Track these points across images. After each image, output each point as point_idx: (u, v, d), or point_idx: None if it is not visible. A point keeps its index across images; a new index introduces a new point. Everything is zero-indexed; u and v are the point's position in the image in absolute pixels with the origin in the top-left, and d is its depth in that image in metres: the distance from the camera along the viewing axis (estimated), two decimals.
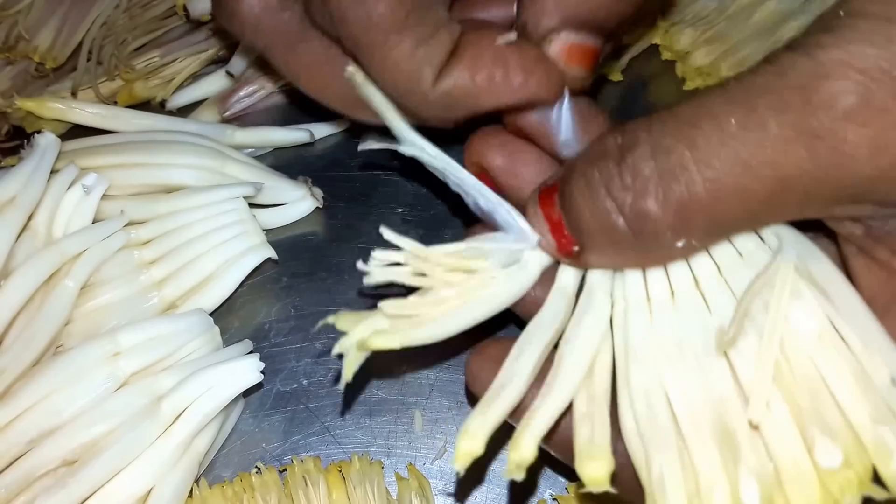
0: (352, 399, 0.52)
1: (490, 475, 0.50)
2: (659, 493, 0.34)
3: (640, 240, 0.35)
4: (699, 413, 0.35)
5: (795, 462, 0.33)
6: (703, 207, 0.33)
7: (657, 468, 0.34)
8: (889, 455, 0.31)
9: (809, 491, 0.32)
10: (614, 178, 0.35)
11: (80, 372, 0.45)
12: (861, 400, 0.32)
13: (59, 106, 0.60)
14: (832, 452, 0.32)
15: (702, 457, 0.34)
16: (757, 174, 0.32)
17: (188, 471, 0.46)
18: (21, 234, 0.48)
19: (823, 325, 0.34)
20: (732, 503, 0.33)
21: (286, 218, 0.58)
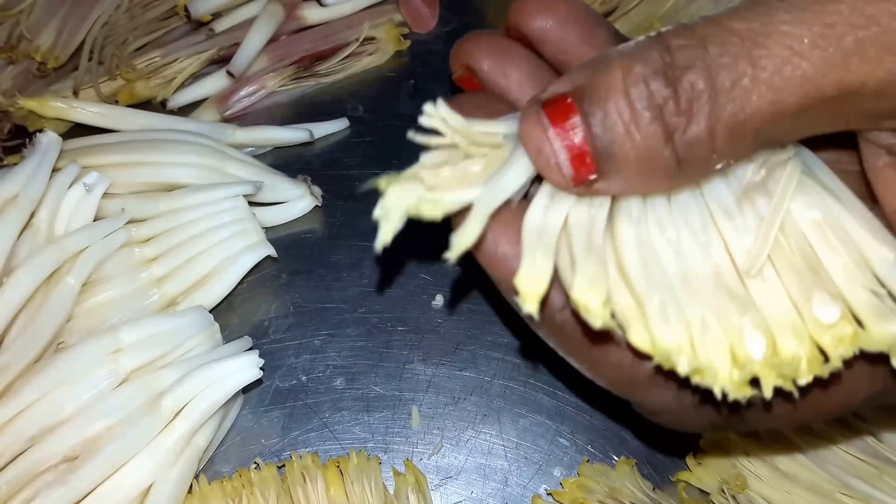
0: (349, 395, 0.52)
1: (486, 470, 0.50)
2: (660, 321, 0.33)
3: (681, 167, 0.32)
4: (692, 277, 0.34)
5: (789, 315, 0.33)
6: (757, 128, 0.31)
7: (657, 302, 0.33)
8: (884, 317, 0.32)
9: (804, 342, 0.32)
10: (668, 101, 0.31)
11: (81, 369, 0.46)
12: (859, 277, 0.33)
13: (60, 105, 0.61)
14: (831, 308, 0.32)
15: (692, 305, 0.33)
16: (823, 92, 0.30)
17: (188, 467, 0.46)
18: (23, 232, 0.49)
19: (826, 215, 0.34)
20: (730, 347, 0.33)
21: (285, 216, 0.58)
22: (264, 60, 0.64)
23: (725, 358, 0.32)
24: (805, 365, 0.32)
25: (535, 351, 0.53)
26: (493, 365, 0.53)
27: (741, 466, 0.48)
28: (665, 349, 0.32)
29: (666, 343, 0.32)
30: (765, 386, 0.32)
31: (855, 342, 0.32)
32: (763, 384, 0.32)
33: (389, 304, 0.55)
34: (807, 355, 0.32)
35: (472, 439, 0.51)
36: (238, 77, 0.63)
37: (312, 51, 0.64)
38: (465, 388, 0.52)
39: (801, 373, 0.32)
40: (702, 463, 0.49)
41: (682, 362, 0.32)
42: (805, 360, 0.32)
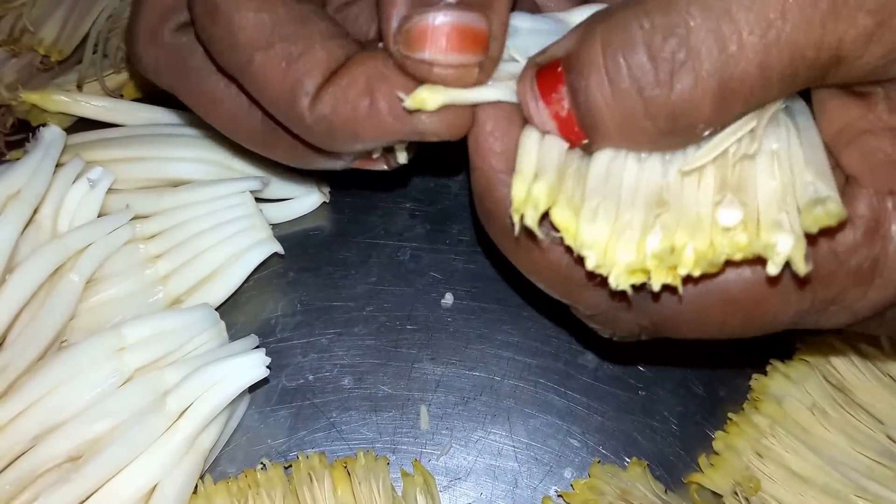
0: (357, 395, 0.52)
1: (496, 471, 0.50)
2: (588, 219, 0.34)
3: (665, 135, 0.33)
4: (643, 187, 0.35)
5: (698, 214, 0.34)
6: (746, 93, 0.32)
7: (593, 203, 0.35)
8: (778, 229, 0.33)
9: (699, 239, 0.34)
10: (648, 73, 0.31)
11: (85, 367, 0.45)
12: (779, 196, 0.34)
13: (63, 99, 0.60)
14: (734, 212, 0.33)
15: (628, 210, 0.35)
16: (804, 54, 0.31)
17: (193, 466, 0.46)
18: (26, 228, 0.48)
19: (783, 148, 0.35)
20: (639, 244, 0.34)
21: (293, 213, 0.58)
22: None
23: (632, 252, 0.34)
24: (691, 257, 0.34)
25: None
26: (503, 364, 0.53)
27: (754, 468, 0.48)
28: (580, 243, 0.34)
29: (583, 238, 0.34)
30: (653, 277, 0.34)
31: (743, 248, 0.33)
32: (652, 275, 0.34)
33: (398, 303, 0.55)
34: (695, 249, 0.34)
35: (481, 440, 0.50)
36: None
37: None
38: (475, 388, 0.52)
39: (685, 263, 0.34)
40: (714, 464, 0.49)
41: (590, 257, 0.34)
42: (692, 253, 0.34)
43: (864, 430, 0.48)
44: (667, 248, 0.34)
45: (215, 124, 0.44)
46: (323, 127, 0.37)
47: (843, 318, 0.37)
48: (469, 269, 0.56)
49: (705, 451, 0.50)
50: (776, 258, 0.33)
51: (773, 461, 0.48)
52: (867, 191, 0.34)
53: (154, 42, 0.42)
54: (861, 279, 0.35)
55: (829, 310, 0.36)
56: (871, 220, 0.34)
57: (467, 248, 0.57)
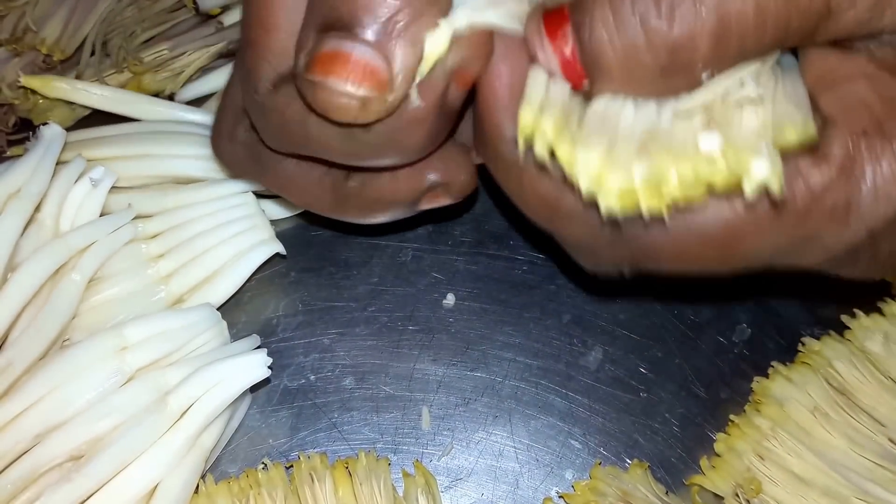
0: (359, 395, 0.52)
1: (497, 472, 0.49)
2: (583, 146, 0.35)
3: (664, 74, 0.34)
4: (637, 128, 0.36)
5: (684, 145, 0.35)
6: (742, 34, 0.32)
7: (589, 135, 0.35)
8: (755, 155, 0.34)
9: (682, 165, 0.35)
10: (650, 7, 0.32)
11: (87, 366, 0.45)
12: (759, 125, 0.34)
13: (63, 86, 0.60)
14: (714, 137, 0.34)
15: (621, 145, 0.35)
16: (798, 2, 0.32)
17: (195, 466, 0.46)
18: (27, 228, 0.48)
19: (767, 92, 0.35)
20: (627, 173, 0.35)
21: (295, 208, 0.57)
22: None
23: (621, 180, 0.35)
24: (675, 182, 0.35)
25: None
26: (505, 365, 0.53)
27: (756, 470, 0.48)
28: (576, 168, 0.35)
29: (578, 163, 0.35)
30: (642, 201, 0.35)
31: (722, 175, 0.34)
32: (641, 199, 0.35)
33: (400, 303, 0.55)
34: (679, 173, 0.35)
35: (482, 441, 0.50)
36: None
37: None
38: (476, 389, 0.52)
39: (669, 186, 0.35)
40: (716, 466, 0.49)
41: (583, 182, 0.35)
42: (676, 177, 0.35)
43: (866, 433, 0.48)
44: (653, 173, 0.35)
45: (292, 200, 0.46)
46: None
47: (817, 256, 0.38)
48: (471, 270, 0.56)
49: (707, 453, 0.50)
50: (752, 180, 0.34)
51: (774, 463, 0.48)
52: (842, 132, 0.35)
53: (232, 140, 0.45)
54: (835, 217, 0.36)
55: (806, 247, 0.37)
56: (846, 160, 0.35)
57: (469, 249, 0.57)
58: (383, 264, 0.56)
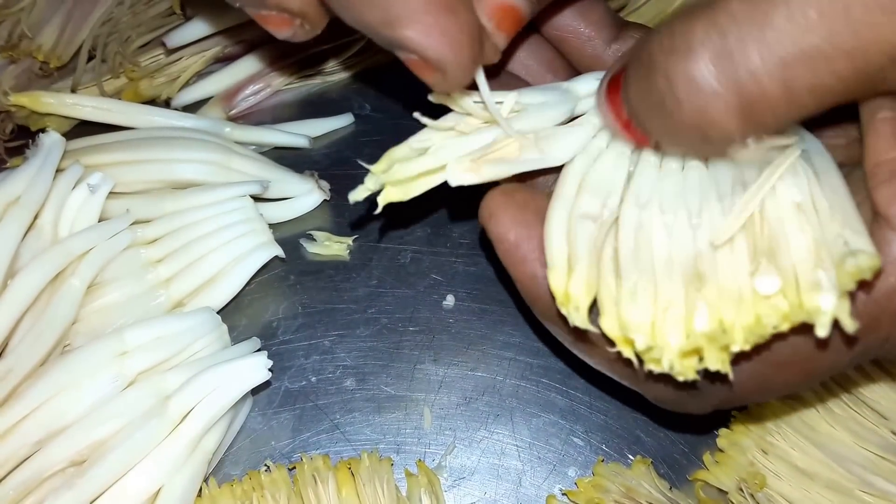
0: (360, 396, 0.52)
1: (499, 471, 0.49)
2: (628, 300, 0.36)
3: (704, 140, 0.34)
4: (676, 258, 0.36)
5: (738, 286, 0.35)
6: (773, 109, 0.32)
7: (630, 283, 0.36)
8: (819, 290, 0.33)
9: (744, 312, 0.34)
10: (667, 92, 0.33)
11: (88, 371, 0.45)
12: (812, 253, 0.34)
13: (52, 101, 0.60)
14: (772, 279, 0.34)
15: (666, 285, 0.36)
16: (834, 65, 0.31)
17: (197, 470, 0.46)
18: (27, 234, 0.48)
19: (805, 199, 0.35)
20: (686, 323, 0.35)
21: (293, 212, 0.58)
22: (269, 58, 0.63)
23: (680, 334, 0.35)
24: (740, 334, 0.34)
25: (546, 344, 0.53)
26: (505, 365, 0.53)
27: (759, 465, 0.48)
28: (626, 326, 0.35)
29: (628, 320, 0.35)
30: (707, 358, 0.35)
31: (788, 316, 0.34)
32: (706, 356, 0.35)
33: (400, 305, 0.55)
34: (744, 324, 0.34)
35: (484, 440, 0.50)
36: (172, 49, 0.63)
37: (318, 49, 0.64)
38: (477, 389, 0.52)
39: (736, 340, 0.34)
40: (719, 462, 0.49)
41: (639, 339, 0.35)
42: (741, 330, 0.34)
43: (869, 426, 0.48)
44: (715, 326, 0.34)
45: None
46: None
47: (891, 353, 0.38)
48: (470, 271, 0.56)
49: (710, 449, 0.50)
50: (822, 319, 0.33)
51: (777, 457, 0.48)
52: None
53: None
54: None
55: (884, 347, 0.37)
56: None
57: (468, 250, 0.57)
58: (383, 266, 0.56)
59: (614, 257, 0.37)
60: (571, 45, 0.43)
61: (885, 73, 0.31)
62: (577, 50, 0.45)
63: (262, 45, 0.63)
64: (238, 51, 0.63)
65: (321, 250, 0.57)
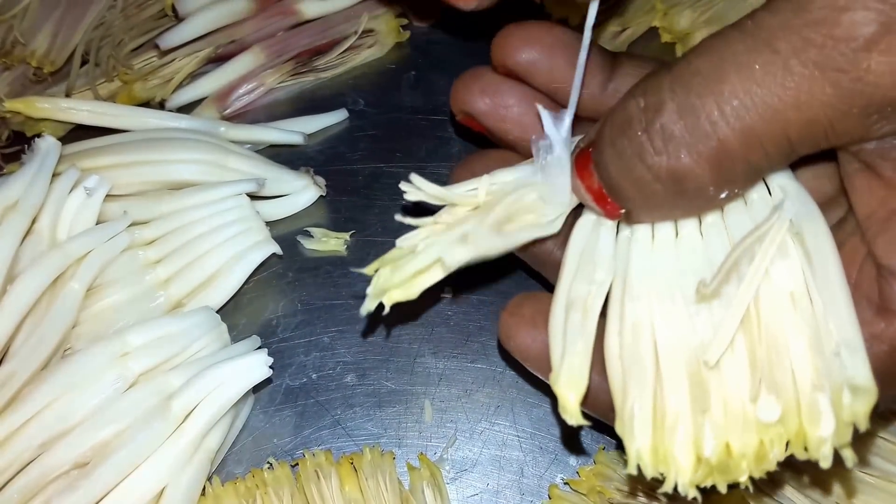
0: (361, 391, 0.52)
1: (501, 462, 0.50)
2: (629, 425, 0.36)
3: (683, 198, 0.36)
4: (679, 353, 0.36)
5: (743, 409, 0.35)
6: (738, 158, 0.33)
7: (630, 402, 0.36)
8: (818, 420, 0.33)
9: (749, 440, 0.34)
10: (645, 145, 0.35)
11: (89, 374, 0.45)
12: (810, 364, 0.34)
13: (46, 105, 0.60)
14: (772, 407, 0.34)
15: (672, 397, 0.35)
16: (785, 116, 0.32)
17: (200, 469, 0.46)
18: (25, 239, 0.48)
19: (799, 286, 0.35)
20: (694, 446, 0.35)
21: (289, 209, 0.58)
22: (262, 57, 0.63)
23: (690, 457, 0.35)
24: (746, 464, 0.34)
25: None
26: (505, 356, 0.53)
27: None
28: (630, 455, 0.36)
29: (631, 451, 0.36)
30: (718, 483, 0.35)
31: (792, 444, 0.34)
32: (717, 483, 0.35)
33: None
34: (749, 453, 0.34)
35: (486, 431, 0.51)
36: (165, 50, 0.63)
37: (311, 46, 0.64)
38: (478, 380, 0.52)
39: (743, 471, 0.34)
40: None
41: (645, 470, 0.35)
42: (746, 459, 0.34)
43: None
44: (722, 452, 0.35)
45: None
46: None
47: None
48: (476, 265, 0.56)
49: None
50: (824, 451, 0.33)
51: None
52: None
53: None
54: None
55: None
56: None
57: None
58: None
59: (606, 348, 0.38)
60: (567, 93, 0.43)
61: (833, 124, 0.32)
62: None
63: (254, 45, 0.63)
64: (231, 51, 0.63)
65: (318, 246, 0.57)
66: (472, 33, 0.65)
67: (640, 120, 0.35)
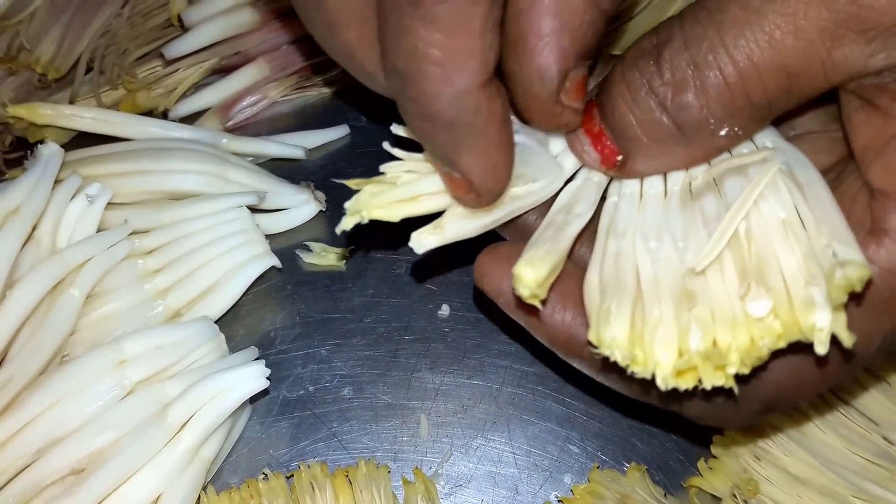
0: (357, 405, 0.52)
1: (496, 478, 0.50)
2: (604, 316, 0.36)
3: (684, 134, 0.36)
4: (663, 281, 0.36)
5: (731, 308, 0.35)
6: (739, 90, 0.34)
7: (607, 303, 0.36)
8: (812, 307, 0.33)
9: (739, 334, 0.34)
10: (653, 75, 0.35)
11: (87, 381, 0.45)
12: (802, 267, 0.34)
13: (50, 112, 0.60)
14: (762, 302, 0.34)
15: (654, 308, 0.36)
16: (782, 46, 0.33)
17: (196, 478, 0.46)
18: (25, 245, 0.48)
19: (791, 215, 0.35)
20: (678, 340, 0.35)
21: (289, 223, 0.58)
22: (266, 69, 0.63)
23: (672, 351, 0.35)
24: (736, 356, 0.34)
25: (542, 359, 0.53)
26: (501, 373, 0.53)
27: (752, 471, 0.48)
28: (604, 342, 0.35)
29: (605, 337, 0.35)
30: (703, 376, 0.34)
31: (779, 340, 0.34)
32: (702, 375, 0.34)
33: (396, 314, 0.55)
34: (740, 347, 0.34)
35: (481, 447, 0.51)
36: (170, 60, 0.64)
37: (315, 60, 0.64)
38: (474, 397, 0.52)
39: (732, 363, 0.34)
40: (713, 468, 0.49)
41: (617, 355, 0.35)
42: (736, 352, 0.34)
43: (860, 432, 0.49)
44: (709, 346, 0.35)
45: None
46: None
47: None
48: (464, 280, 0.56)
49: (704, 455, 0.50)
50: (820, 336, 0.33)
51: (770, 463, 0.48)
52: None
53: None
54: None
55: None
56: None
57: (462, 260, 0.57)
58: (378, 276, 0.57)
59: (599, 284, 0.38)
60: None
61: (830, 52, 0.33)
62: None
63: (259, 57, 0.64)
64: (235, 62, 0.64)
65: (317, 260, 0.57)
66: None
67: (651, 52, 0.36)
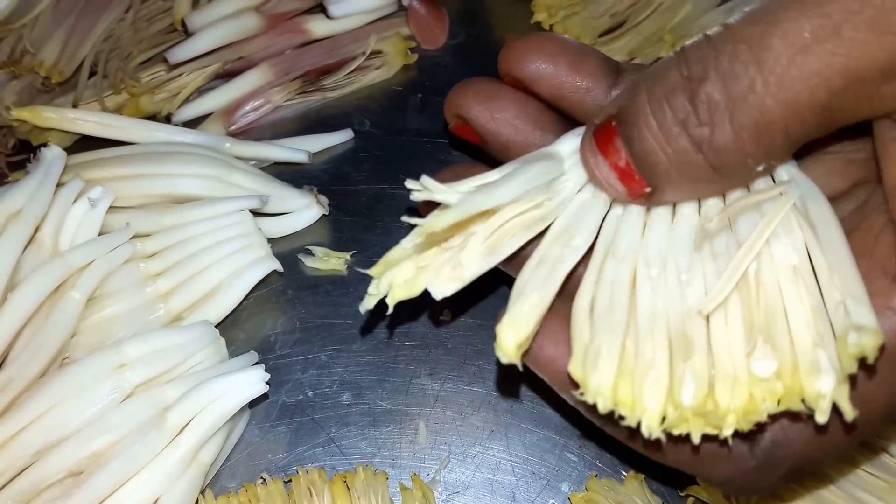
0: (356, 410, 0.52)
1: (494, 486, 0.50)
2: (592, 359, 0.35)
3: (720, 172, 0.35)
4: (661, 317, 0.35)
5: (733, 365, 0.34)
6: (778, 129, 0.33)
7: (597, 343, 0.35)
8: (818, 373, 0.32)
9: (738, 394, 0.33)
10: (689, 114, 0.34)
11: (87, 383, 0.46)
12: (811, 325, 0.34)
13: (53, 115, 0.60)
14: (768, 361, 0.33)
15: (647, 347, 0.35)
16: (830, 84, 0.31)
17: (194, 482, 0.46)
18: (27, 247, 0.49)
19: (802, 260, 0.35)
20: (668, 394, 0.34)
21: (292, 226, 0.58)
22: (270, 74, 0.64)
23: (660, 398, 0.34)
24: (733, 418, 0.33)
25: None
26: (500, 382, 0.53)
27: None
28: (589, 389, 0.35)
29: (590, 384, 0.35)
30: (693, 430, 0.34)
31: (783, 402, 0.33)
32: (691, 429, 0.34)
33: (396, 319, 0.55)
34: (738, 408, 0.33)
35: (479, 454, 0.51)
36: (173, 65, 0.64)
37: (318, 65, 0.64)
38: (473, 404, 0.52)
39: (728, 424, 0.33)
40: None
41: (599, 403, 0.34)
42: (734, 414, 0.33)
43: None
44: (703, 402, 0.34)
45: None
46: None
47: None
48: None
49: None
50: (822, 404, 0.32)
51: None
52: None
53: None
54: None
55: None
56: None
57: None
58: None
59: (590, 304, 0.37)
60: (571, 100, 0.43)
61: (880, 89, 0.32)
62: (578, 104, 0.44)
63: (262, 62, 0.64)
64: (238, 67, 0.64)
65: (319, 265, 0.57)
66: (480, 58, 0.66)
67: (685, 89, 0.34)
